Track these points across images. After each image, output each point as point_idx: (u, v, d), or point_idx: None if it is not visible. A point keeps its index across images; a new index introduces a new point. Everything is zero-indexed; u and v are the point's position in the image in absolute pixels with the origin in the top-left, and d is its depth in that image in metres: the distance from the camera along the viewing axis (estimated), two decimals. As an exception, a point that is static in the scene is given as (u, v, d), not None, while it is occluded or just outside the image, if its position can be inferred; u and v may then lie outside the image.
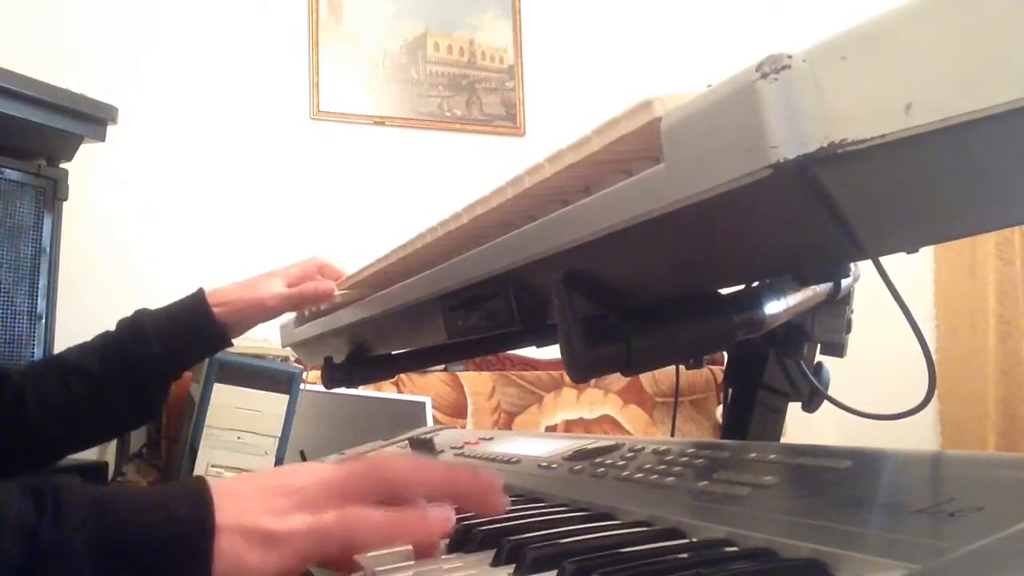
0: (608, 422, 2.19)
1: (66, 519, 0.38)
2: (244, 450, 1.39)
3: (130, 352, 0.90)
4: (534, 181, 0.44)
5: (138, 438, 1.79)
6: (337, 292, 0.91)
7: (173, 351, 0.91)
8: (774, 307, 0.52)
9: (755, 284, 0.54)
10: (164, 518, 0.40)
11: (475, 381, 2.07)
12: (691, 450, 0.56)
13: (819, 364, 0.71)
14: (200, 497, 0.41)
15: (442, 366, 2.02)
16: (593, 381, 2.17)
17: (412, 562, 0.45)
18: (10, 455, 0.87)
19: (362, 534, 0.43)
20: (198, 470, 1.37)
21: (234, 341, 1.17)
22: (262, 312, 0.95)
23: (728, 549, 0.39)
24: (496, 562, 0.43)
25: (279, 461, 1.40)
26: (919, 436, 2.25)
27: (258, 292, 0.95)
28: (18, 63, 1.54)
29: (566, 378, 2.06)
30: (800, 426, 0.86)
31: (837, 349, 0.69)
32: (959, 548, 0.28)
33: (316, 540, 0.42)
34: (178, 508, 0.41)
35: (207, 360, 1.38)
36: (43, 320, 1.60)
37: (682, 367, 0.79)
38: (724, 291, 0.51)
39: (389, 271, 0.71)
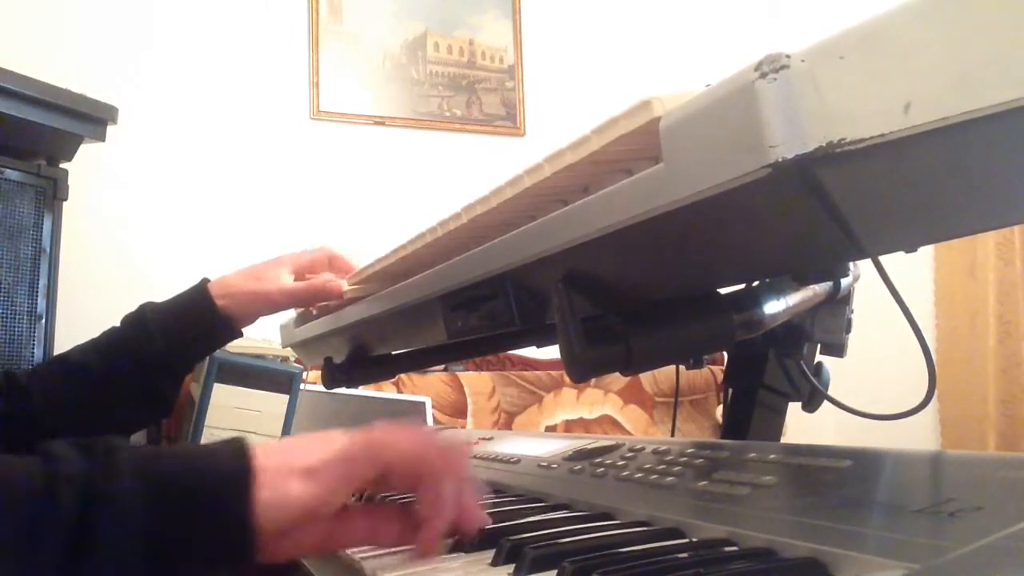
0: (608, 422, 2.19)
1: (117, 467, 0.40)
2: (244, 450, 1.39)
3: (134, 348, 0.88)
4: (533, 181, 0.44)
5: (138, 439, 1.79)
6: (346, 288, 0.89)
7: (178, 346, 0.89)
8: (774, 307, 0.52)
9: (755, 284, 0.54)
10: (209, 463, 0.43)
11: (475, 381, 2.07)
12: (691, 450, 0.56)
13: (819, 364, 0.71)
14: (239, 446, 0.45)
15: (442, 366, 2.02)
16: (593, 381, 2.17)
17: (411, 562, 0.45)
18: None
19: (390, 454, 0.46)
20: (198, 470, 1.37)
21: (234, 341, 1.16)
22: (269, 305, 0.92)
23: (728, 549, 0.39)
24: (496, 562, 0.43)
25: (279, 461, 1.40)
26: (919, 436, 2.25)
27: (265, 284, 0.91)
28: (18, 63, 1.54)
29: (566, 378, 2.06)
30: (800, 426, 0.86)
31: (837, 349, 0.69)
32: (959, 548, 0.28)
33: (347, 465, 0.45)
34: (220, 455, 0.44)
35: (207, 360, 1.38)
36: (43, 320, 1.60)
37: (682, 367, 0.79)
38: (724, 291, 0.51)
39: (389, 271, 0.71)
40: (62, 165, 1.69)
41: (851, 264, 0.63)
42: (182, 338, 0.90)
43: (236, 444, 0.45)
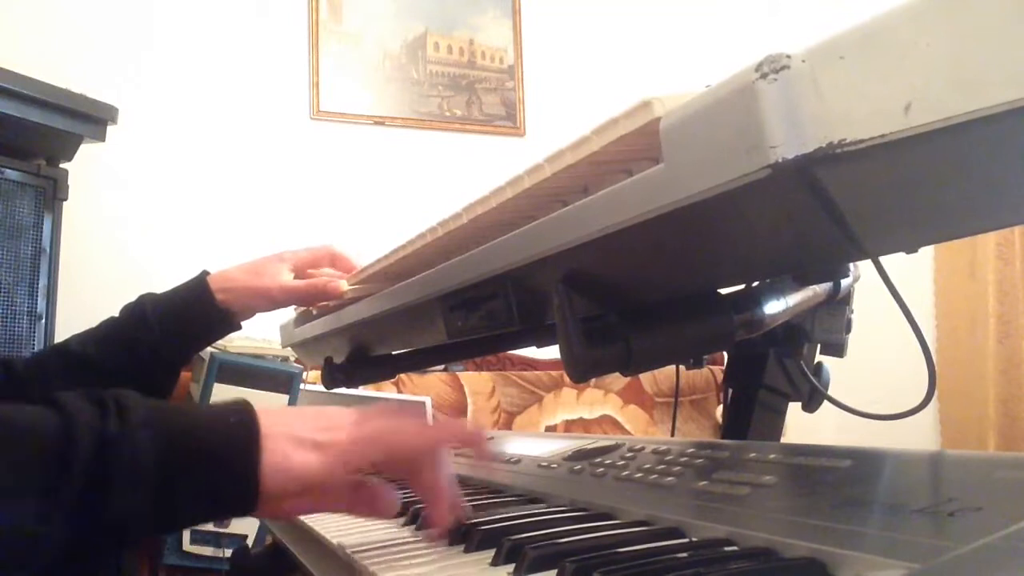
0: (608, 422, 2.19)
1: (129, 417, 0.43)
2: (244, 450, 1.39)
3: (131, 338, 0.88)
4: (534, 181, 0.44)
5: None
6: (347, 288, 0.89)
7: (175, 336, 0.89)
8: (774, 307, 0.52)
9: (755, 284, 0.54)
10: (219, 422, 0.45)
11: (475, 381, 2.07)
12: (691, 450, 0.56)
13: (819, 364, 0.71)
14: (246, 409, 0.47)
15: (442, 366, 2.02)
16: (593, 381, 2.17)
17: (411, 561, 0.45)
18: None
19: (396, 446, 0.48)
20: (198, 470, 1.37)
21: (234, 341, 1.15)
22: (267, 302, 0.91)
23: (728, 548, 0.39)
24: (496, 562, 0.43)
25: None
26: (919, 436, 2.25)
27: (264, 281, 0.91)
28: (18, 63, 1.54)
29: (566, 378, 2.06)
30: (800, 426, 0.86)
31: (837, 349, 0.69)
32: (959, 548, 0.28)
33: (353, 447, 0.47)
34: (228, 416, 0.46)
35: (207, 360, 1.38)
36: (43, 320, 1.60)
37: (682, 367, 0.79)
38: (724, 291, 0.51)
39: (389, 271, 0.71)
40: (62, 165, 1.69)
41: (851, 264, 0.63)
42: (179, 330, 0.89)
43: (241, 407, 0.47)
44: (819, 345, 0.70)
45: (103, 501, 0.41)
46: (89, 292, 1.87)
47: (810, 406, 0.71)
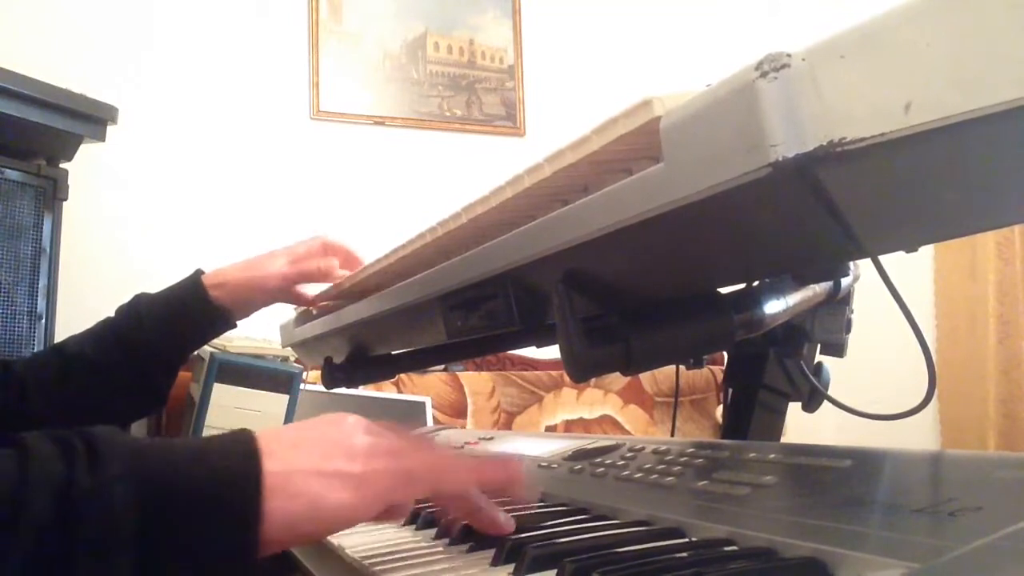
0: (608, 422, 2.19)
1: (103, 469, 0.35)
2: (244, 450, 1.39)
3: (127, 338, 0.88)
4: (534, 181, 0.44)
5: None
6: (339, 271, 0.89)
7: (170, 336, 0.89)
8: (774, 307, 0.52)
9: (755, 284, 0.54)
10: (210, 463, 0.38)
11: (475, 381, 2.07)
12: (691, 450, 0.56)
13: (819, 364, 0.71)
14: (245, 444, 0.39)
15: (442, 366, 2.02)
16: (593, 381, 2.17)
17: (412, 561, 0.45)
18: None
19: (450, 476, 0.46)
20: (198, 470, 1.37)
21: (234, 341, 1.16)
22: (263, 294, 0.92)
23: (728, 548, 0.39)
24: (496, 562, 0.43)
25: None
26: (919, 436, 2.25)
27: (258, 272, 0.92)
28: (18, 63, 1.54)
29: (566, 378, 2.06)
30: (800, 426, 0.86)
31: (837, 349, 0.69)
32: (959, 548, 0.28)
33: (403, 481, 0.42)
34: (221, 453, 0.39)
35: (207, 360, 1.38)
36: (43, 320, 1.60)
37: (682, 367, 0.79)
38: (724, 291, 0.51)
39: (389, 271, 0.71)
40: (62, 165, 1.69)
41: (851, 264, 0.63)
42: (175, 329, 0.89)
43: (242, 441, 0.40)
44: (819, 345, 0.70)
45: (65, 567, 0.33)
46: (89, 292, 1.87)
47: (810, 406, 0.71)
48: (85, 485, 0.34)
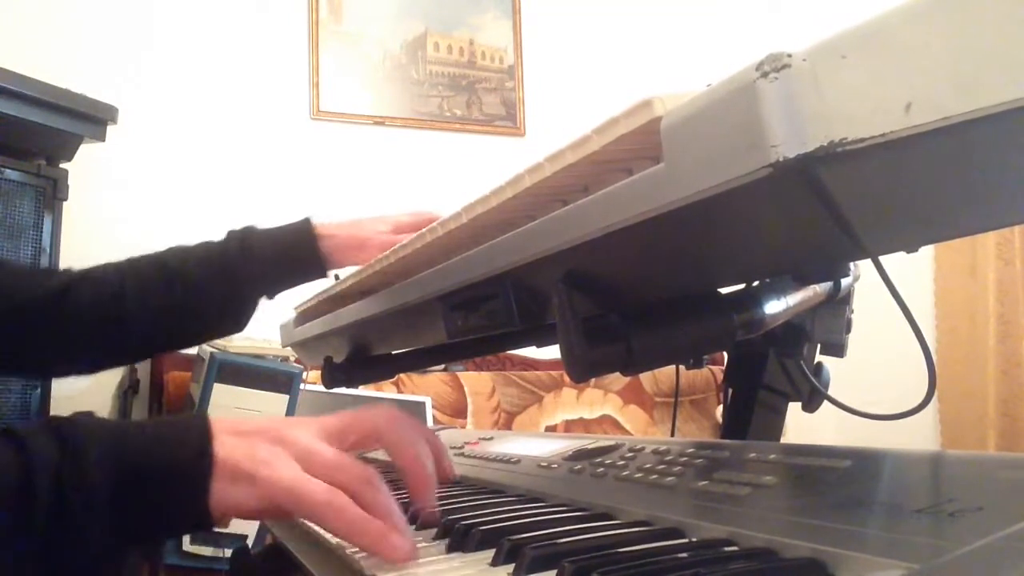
0: (608, 422, 2.19)
1: (86, 457, 0.44)
2: (244, 450, 1.39)
3: (233, 267, 0.93)
4: (534, 181, 0.44)
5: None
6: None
7: (274, 274, 0.94)
8: (774, 307, 0.52)
9: (755, 284, 0.54)
10: (171, 449, 0.46)
11: (475, 381, 2.07)
12: (691, 450, 0.56)
13: (819, 364, 0.71)
14: (200, 432, 0.47)
15: (442, 366, 2.02)
16: (593, 381, 2.17)
17: (411, 562, 0.45)
18: (106, 348, 0.93)
19: (332, 518, 0.47)
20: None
21: (234, 341, 1.18)
22: (363, 252, 0.95)
23: (728, 549, 0.39)
24: (495, 562, 0.43)
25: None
26: (919, 436, 2.25)
27: (365, 232, 0.96)
28: (18, 63, 1.54)
29: (566, 378, 2.06)
30: (800, 426, 0.86)
31: (837, 349, 0.69)
32: (959, 548, 0.28)
33: (294, 497, 0.46)
34: (182, 440, 0.47)
35: (207, 360, 1.38)
36: (43, 320, 1.60)
37: (682, 367, 0.79)
38: (724, 291, 0.51)
39: (389, 271, 0.71)
40: (62, 165, 1.69)
41: (851, 264, 0.63)
42: (279, 268, 0.95)
43: (197, 429, 0.47)
44: (819, 345, 0.70)
45: (63, 542, 0.42)
46: (89, 292, 1.87)
47: (810, 406, 0.71)
48: (72, 472, 0.43)
